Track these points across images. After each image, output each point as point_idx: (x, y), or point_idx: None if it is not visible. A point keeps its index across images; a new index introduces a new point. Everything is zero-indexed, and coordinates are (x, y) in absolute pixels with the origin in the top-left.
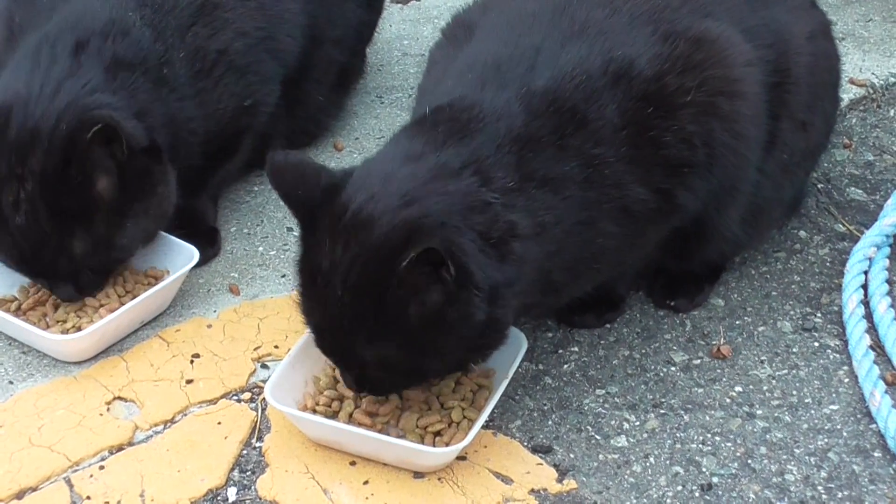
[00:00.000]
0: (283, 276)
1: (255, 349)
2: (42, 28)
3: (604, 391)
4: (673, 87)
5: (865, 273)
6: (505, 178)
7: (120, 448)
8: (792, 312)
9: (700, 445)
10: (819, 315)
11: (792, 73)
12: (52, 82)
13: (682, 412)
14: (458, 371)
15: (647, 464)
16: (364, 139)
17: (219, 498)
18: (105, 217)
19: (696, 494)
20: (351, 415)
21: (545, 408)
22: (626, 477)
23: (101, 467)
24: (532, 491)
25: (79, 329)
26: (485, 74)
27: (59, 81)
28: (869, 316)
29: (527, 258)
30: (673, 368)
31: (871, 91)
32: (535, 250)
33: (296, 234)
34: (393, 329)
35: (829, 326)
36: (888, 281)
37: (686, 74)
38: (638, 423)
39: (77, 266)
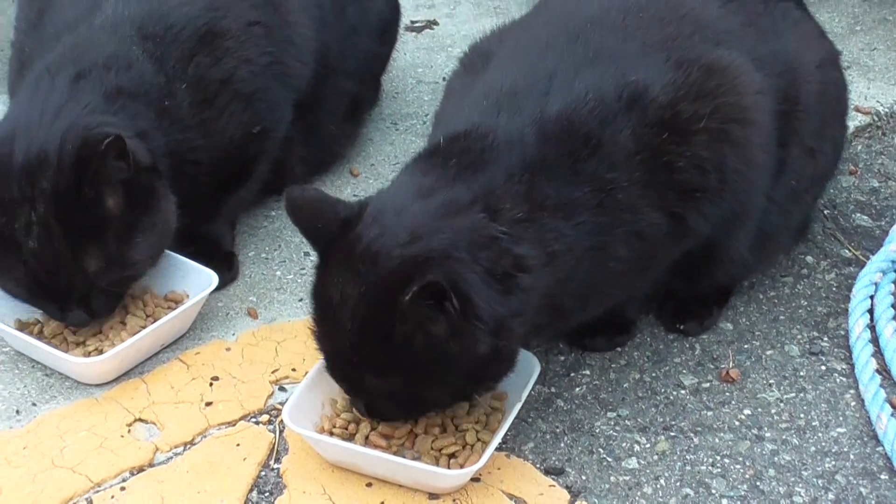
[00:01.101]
0: (301, 300)
1: (273, 372)
2: (46, 58)
3: (615, 414)
4: (687, 114)
5: (871, 298)
6: (514, 210)
7: (141, 469)
8: (799, 336)
9: (710, 467)
10: (826, 339)
11: (801, 100)
12: (51, 108)
13: (692, 435)
14: (464, 401)
15: (658, 486)
16: (380, 165)
17: None
18: (116, 233)
19: None
20: (367, 437)
21: (557, 430)
22: (637, 499)
23: (122, 488)
24: None
25: (100, 352)
26: (500, 101)
27: (58, 106)
28: (875, 340)
29: (535, 288)
30: (683, 391)
31: (877, 118)
32: (545, 279)
33: (313, 258)
34: (398, 362)
35: (836, 350)
36: (894, 305)
37: (699, 101)
38: (648, 446)
39: (91, 285)
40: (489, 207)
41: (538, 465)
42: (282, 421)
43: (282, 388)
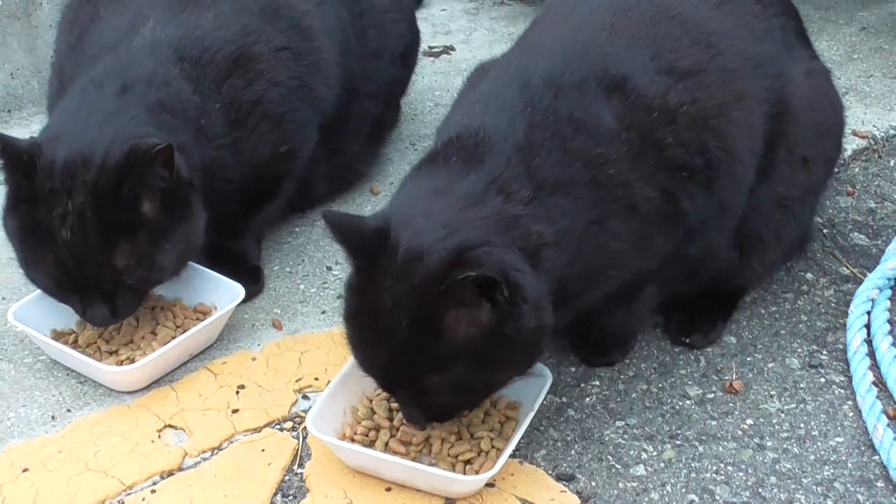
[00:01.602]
0: (324, 312)
1: (297, 381)
2: (86, 76)
3: (623, 423)
4: (673, 102)
5: (868, 313)
6: (522, 190)
7: (170, 473)
8: (799, 350)
9: (714, 475)
10: (825, 353)
11: (791, 104)
12: (99, 115)
13: (697, 443)
14: (519, 376)
15: (664, 492)
16: (398, 184)
17: None
18: (148, 235)
19: None
20: (387, 444)
21: (568, 438)
22: None
23: (153, 491)
24: None
25: (132, 361)
26: (486, 101)
27: (106, 115)
28: (872, 354)
29: (554, 265)
30: (688, 402)
31: (873, 142)
32: (558, 256)
33: (335, 272)
34: (458, 351)
35: (834, 363)
36: (889, 321)
37: (683, 95)
38: (655, 454)
39: (117, 281)
40: (502, 191)
41: (550, 472)
42: (305, 428)
43: (305, 397)
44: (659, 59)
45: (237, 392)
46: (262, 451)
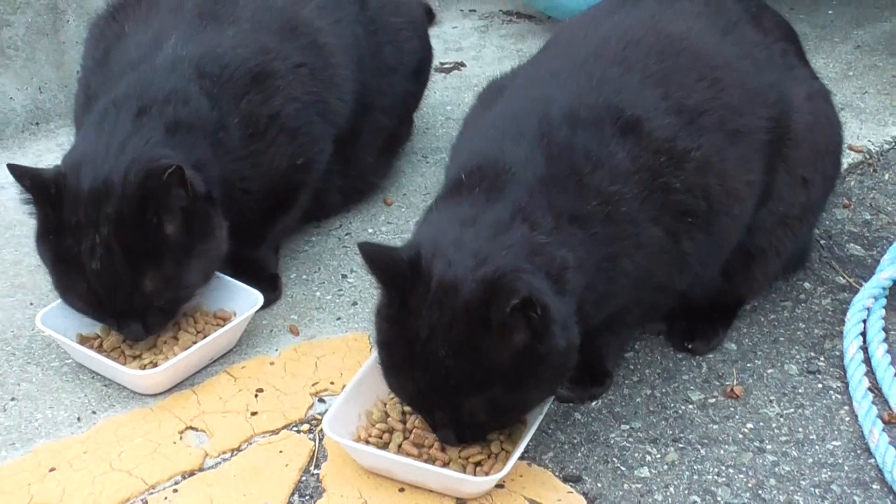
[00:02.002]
0: (339, 318)
1: (313, 385)
2: (110, 94)
3: (628, 426)
4: (682, 147)
5: (864, 322)
6: (546, 220)
7: (191, 473)
8: (798, 356)
9: (715, 477)
10: (822, 359)
11: (792, 129)
12: (116, 141)
13: (699, 446)
14: (550, 396)
15: (668, 493)
16: (411, 195)
17: None
18: (173, 257)
19: None
20: (400, 446)
21: (575, 441)
22: None
23: (175, 490)
24: None
25: (155, 365)
26: (505, 129)
27: (122, 140)
28: (867, 360)
29: (575, 288)
30: (690, 406)
31: (868, 156)
32: (579, 281)
33: (350, 280)
34: (497, 373)
35: (831, 370)
36: (884, 329)
37: (690, 138)
38: (659, 456)
39: (148, 304)
40: (527, 220)
41: (557, 473)
42: (321, 430)
43: (321, 400)
44: (668, 98)
45: (256, 395)
46: (280, 452)
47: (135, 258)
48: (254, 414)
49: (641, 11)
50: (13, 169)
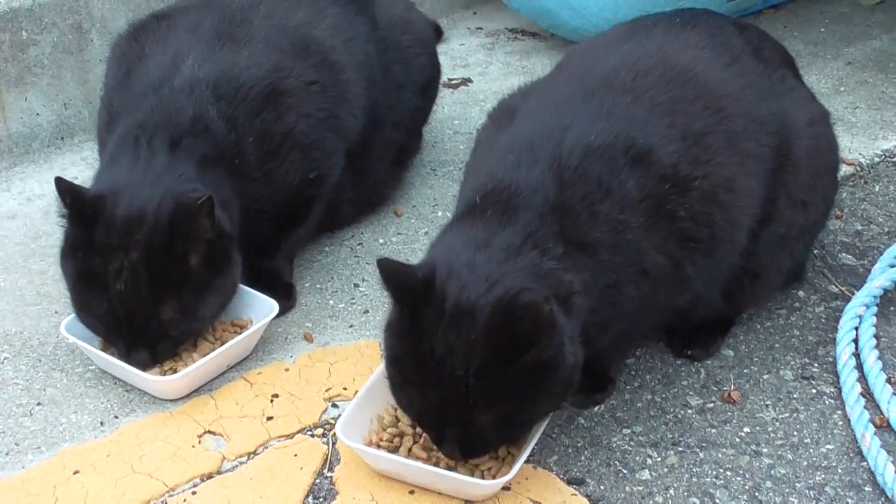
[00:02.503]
0: (351, 326)
1: (327, 390)
2: (134, 114)
3: (630, 430)
4: (685, 173)
5: (856, 329)
6: (555, 247)
7: (210, 476)
8: (792, 362)
9: (714, 479)
10: (816, 365)
11: (792, 156)
12: (153, 173)
13: (698, 450)
14: (556, 410)
15: (668, 495)
16: (420, 207)
17: None
18: (193, 289)
19: None
20: (410, 450)
21: (578, 445)
22: None
23: (194, 493)
24: None
25: (175, 371)
26: (520, 154)
27: (159, 173)
28: (860, 367)
29: (581, 311)
30: (689, 411)
31: (860, 169)
32: (585, 304)
33: (362, 289)
34: (511, 389)
35: (825, 375)
36: (875, 336)
37: (695, 166)
38: (659, 459)
39: (163, 331)
40: (537, 246)
41: (561, 476)
42: (335, 434)
43: (334, 405)
44: (675, 126)
45: (271, 400)
46: (295, 455)
47: (158, 284)
48: (269, 418)
49: (650, 42)
50: (59, 183)
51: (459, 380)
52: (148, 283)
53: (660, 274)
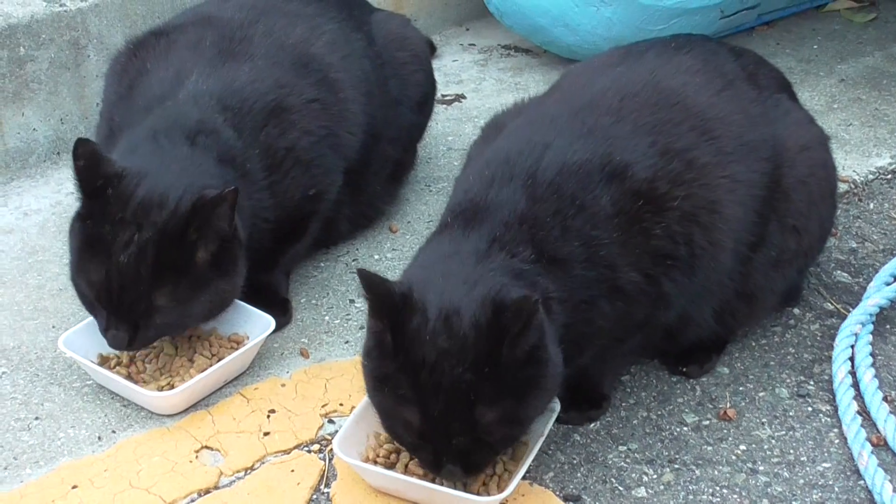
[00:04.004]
0: (347, 342)
1: (323, 406)
2: (139, 126)
3: (625, 447)
4: (662, 191)
5: (852, 347)
6: (525, 252)
7: (207, 491)
8: (788, 380)
9: (710, 497)
10: (812, 383)
11: (783, 183)
12: (178, 161)
13: (694, 467)
14: (549, 403)
15: None
16: (415, 223)
17: None
18: (192, 282)
19: None
20: (407, 466)
21: (574, 462)
22: None
23: None
24: None
25: (172, 386)
26: (496, 170)
27: (184, 162)
28: (856, 385)
29: (558, 319)
30: (685, 428)
31: (854, 186)
32: (562, 313)
33: (357, 305)
34: (508, 383)
35: (821, 393)
36: (872, 354)
37: (675, 186)
38: (655, 477)
39: (149, 315)
40: (504, 248)
41: (558, 493)
42: (331, 450)
43: (331, 421)
44: (656, 144)
45: (268, 416)
46: (292, 471)
47: (161, 268)
48: (266, 434)
49: (642, 66)
50: (79, 143)
51: (457, 378)
52: (151, 264)
53: (634, 290)
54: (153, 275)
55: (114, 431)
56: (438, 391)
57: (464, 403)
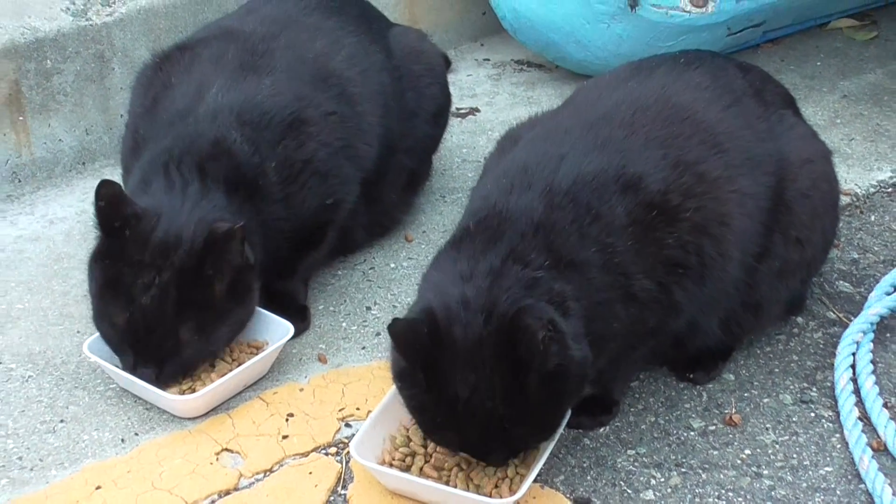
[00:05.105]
0: (364, 347)
1: (340, 410)
2: (160, 141)
3: (634, 451)
4: (675, 203)
5: (854, 355)
6: (539, 258)
7: (227, 492)
8: (792, 387)
9: (716, 500)
10: (815, 390)
11: (786, 196)
12: (189, 199)
13: (700, 471)
14: (572, 405)
15: None
16: (430, 232)
17: None
18: (212, 315)
19: None
20: (422, 468)
21: (584, 465)
22: None
23: None
24: None
25: (193, 390)
26: (515, 179)
27: (194, 200)
28: (857, 391)
29: (578, 313)
30: (692, 433)
31: (856, 199)
32: (581, 311)
33: (374, 312)
34: (537, 401)
35: (823, 399)
36: (872, 362)
37: (687, 198)
38: (663, 480)
39: (176, 351)
40: (518, 260)
41: (568, 495)
42: (348, 453)
43: (348, 425)
44: (667, 157)
45: (287, 420)
46: (310, 473)
47: (183, 305)
48: (285, 437)
49: (653, 81)
50: (102, 184)
51: (491, 411)
52: (174, 303)
53: (647, 297)
54: (176, 313)
55: (137, 434)
56: (476, 422)
57: (499, 428)
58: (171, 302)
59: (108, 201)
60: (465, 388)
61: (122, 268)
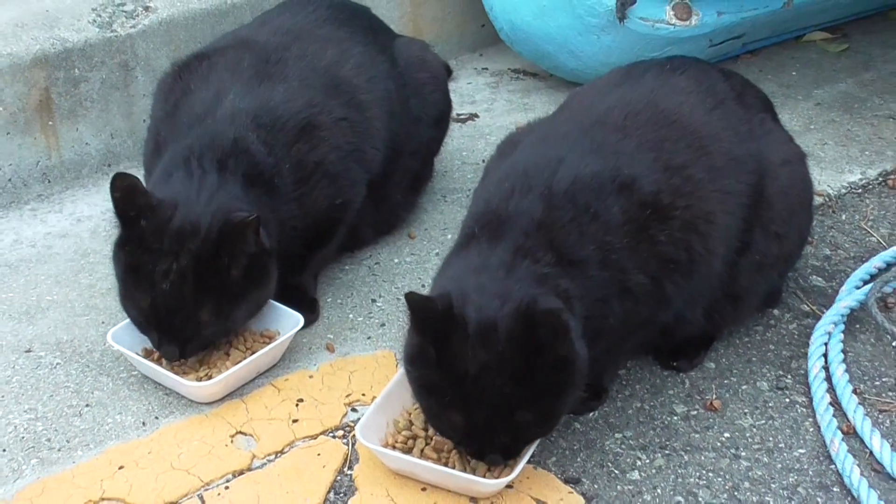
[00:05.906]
0: (369, 337)
1: (347, 396)
2: (181, 141)
3: (621, 435)
4: (666, 202)
5: (826, 344)
6: (545, 257)
7: (241, 472)
8: (768, 374)
9: (697, 480)
10: (789, 377)
11: (766, 193)
12: (207, 190)
13: (683, 453)
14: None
15: (656, 494)
16: (432, 230)
17: None
18: (230, 296)
19: None
20: (423, 451)
21: (575, 447)
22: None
23: (227, 487)
24: None
25: (210, 377)
26: (515, 181)
27: (212, 190)
28: (829, 379)
29: (579, 314)
30: (675, 418)
31: (828, 199)
32: (580, 309)
33: (379, 304)
34: (544, 387)
35: (797, 386)
36: (843, 351)
37: (677, 197)
38: (648, 461)
39: (197, 332)
40: (527, 256)
41: (559, 476)
42: (354, 436)
43: (354, 410)
44: (659, 160)
45: (297, 405)
46: (318, 455)
47: (201, 290)
48: (295, 421)
49: (642, 86)
50: (117, 177)
51: (499, 390)
52: (192, 288)
53: (641, 291)
54: (195, 297)
55: (157, 418)
56: (481, 400)
57: (505, 410)
58: (189, 287)
59: (124, 192)
60: (475, 365)
61: (143, 255)
